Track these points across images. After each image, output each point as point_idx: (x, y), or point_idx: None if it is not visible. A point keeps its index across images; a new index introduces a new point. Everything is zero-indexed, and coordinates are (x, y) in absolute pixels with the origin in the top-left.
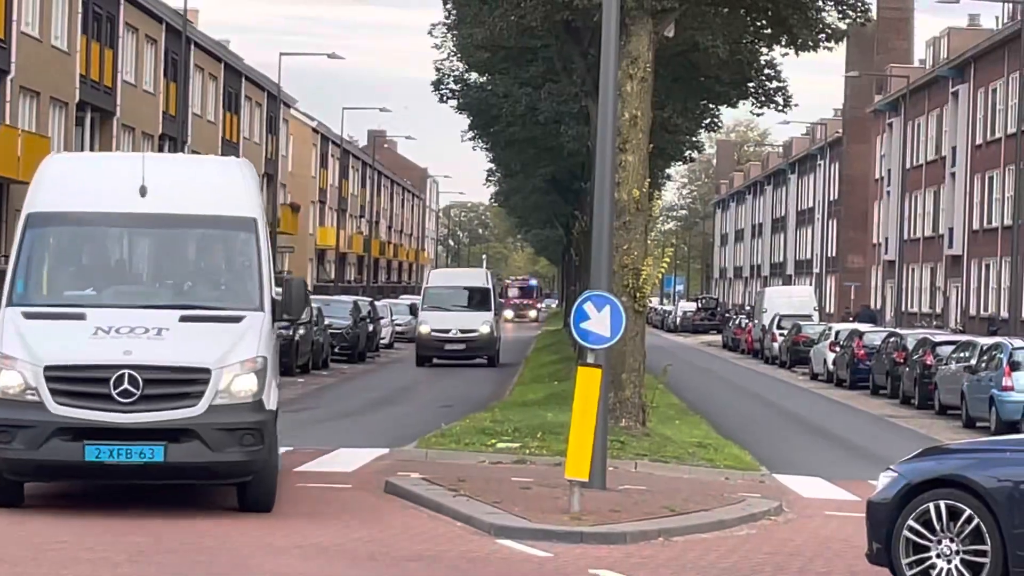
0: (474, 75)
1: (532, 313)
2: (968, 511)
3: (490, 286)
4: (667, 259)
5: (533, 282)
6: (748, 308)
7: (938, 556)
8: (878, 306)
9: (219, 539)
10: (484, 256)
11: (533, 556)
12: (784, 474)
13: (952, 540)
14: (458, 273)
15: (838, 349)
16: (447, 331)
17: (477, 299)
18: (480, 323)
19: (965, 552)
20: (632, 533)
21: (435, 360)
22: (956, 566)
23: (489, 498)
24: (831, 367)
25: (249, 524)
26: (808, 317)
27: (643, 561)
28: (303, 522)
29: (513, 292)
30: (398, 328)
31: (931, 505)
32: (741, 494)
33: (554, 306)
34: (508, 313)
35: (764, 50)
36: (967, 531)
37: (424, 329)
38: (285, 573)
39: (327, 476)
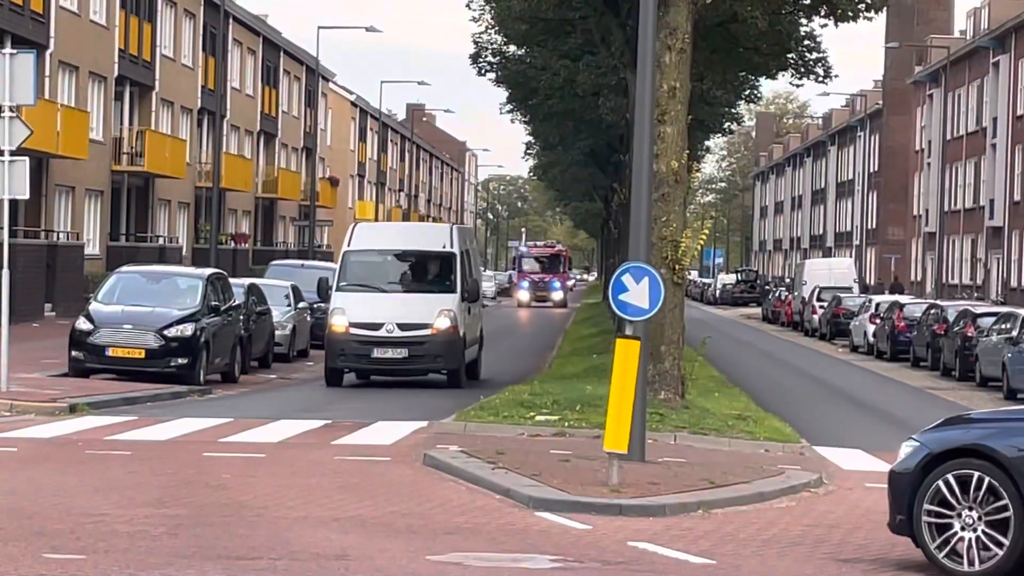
0: (512, 48)
1: (557, 295)
2: (990, 480)
3: (457, 251)
4: (706, 231)
5: (559, 249)
6: (788, 280)
7: (961, 525)
8: (919, 278)
9: (257, 512)
10: (523, 230)
11: (572, 528)
12: (824, 446)
13: (974, 509)
14: (401, 230)
15: (878, 321)
16: (376, 327)
17: (432, 273)
18: (434, 314)
19: (988, 521)
20: (671, 505)
21: (359, 376)
22: (979, 535)
23: (528, 471)
24: (871, 339)
25: (288, 497)
26: (848, 289)
27: (682, 533)
28: (342, 495)
29: (529, 264)
30: None
31: (953, 475)
32: (781, 466)
33: (590, 279)
34: (522, 295)
35: (803, 21)
36: (990, 500)
37: (338, 323)
38: (324, 546)
39: (366, 449)
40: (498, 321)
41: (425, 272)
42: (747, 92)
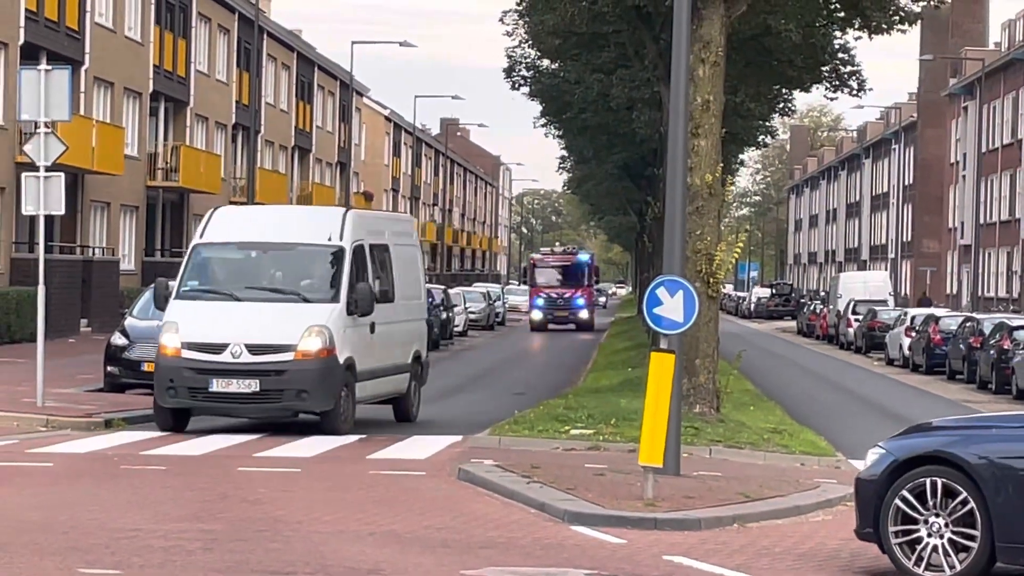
0: (546, 62)
1: (581, 315)
2: (956, 487)
3: (347, 245)
4: (741, 245)
5: (583, 257)
6: (823, 294)
7: (927, 532)
8: (954, 291)
9: (292, 527)
10: (557, 243)
11: (607, 543)
12: (860, 459)
13: (940, 516)
14: (274, 216)
15: (914, 334)
16: (218, 349)
17: (310, 276)
18: (300, 331)
19: (954, 528)
20: (707, 519)
21: (206, 414)
22: (946, 542)
23: (563, 485)
24: (907, 352)
25: (323, 511)
26: (883, 302)
27: (717, 547)
28: (377, 509)
29: (545, 276)
30: (472, 316)
31: (917, 483)
32: (816, 480)
33: (622, 293)
34: (536, 315)
35: (837, 33)
36: (955, 507)
37: (167, 343)
38: (358, 560)
39: (401, 463)
40: (501, 350)
41: (300, 274)
42: (781, 105)
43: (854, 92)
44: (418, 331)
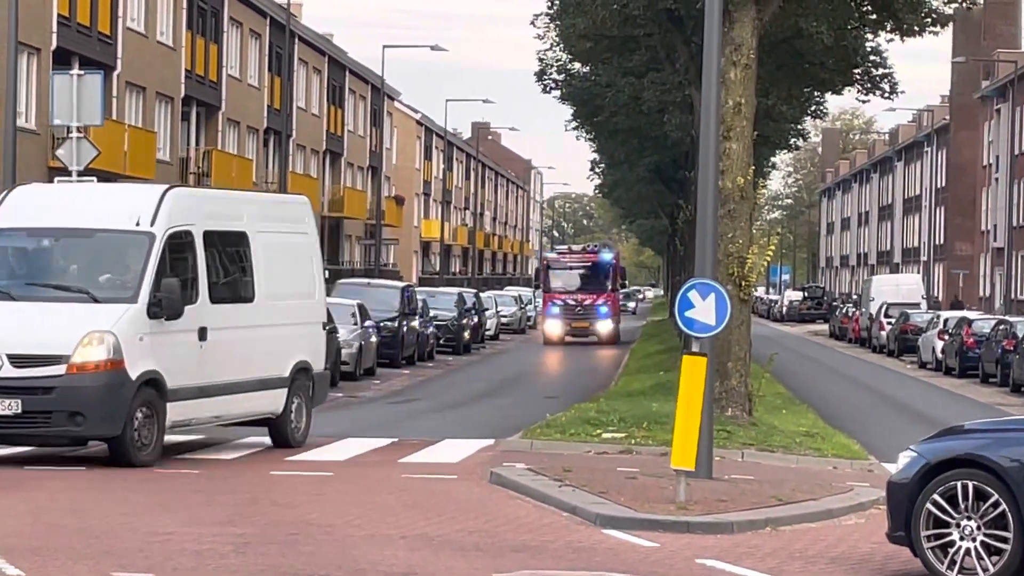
0: (577, 65)
1: (604, 326)
2: (988, 490)
3: (159, 231)
4: (772, 248)
5: (606, 256)
6: (855, 297)
7: (959, 535)
8: (987, 294)
9: (324, 530)
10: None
11: (639, 546)
12: (892, 463)
13: (972, 519)
14: (76, 198)
15: (947, 337)
16: None
17: (108, 270)
18: (76, 339)
19: (986, 530)
20: (739, 523)
21: None
22: (978, 545)
23: (595, 488)
24: (940, 355)
25: (355, 515)
26: (916, 305)
27: (750, 550)
28: (409, 512)
29: (562, 280)
30: (503, 319)
31: (948, 486)
32: (849, 483)
33: (651, 295)
34: (551, 326)
35: (869, 36)
36: (987, 510)
37: None
38: (391, 564)
39: (433, 467)
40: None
41: (98, 267)
42: (813, 108)
43: (886, 95)
44: (305, 337)
